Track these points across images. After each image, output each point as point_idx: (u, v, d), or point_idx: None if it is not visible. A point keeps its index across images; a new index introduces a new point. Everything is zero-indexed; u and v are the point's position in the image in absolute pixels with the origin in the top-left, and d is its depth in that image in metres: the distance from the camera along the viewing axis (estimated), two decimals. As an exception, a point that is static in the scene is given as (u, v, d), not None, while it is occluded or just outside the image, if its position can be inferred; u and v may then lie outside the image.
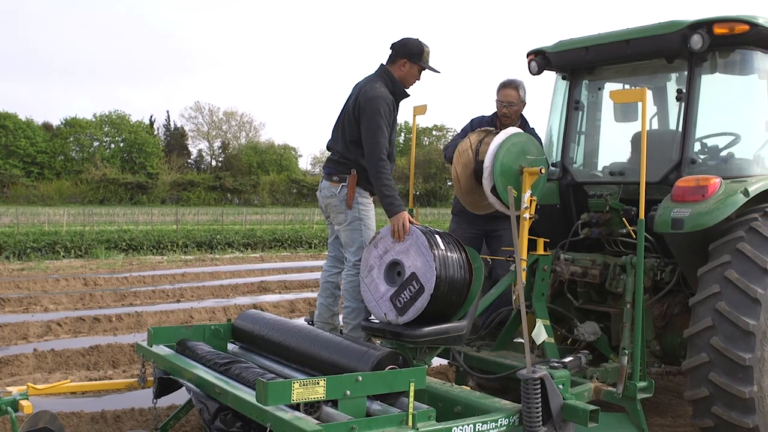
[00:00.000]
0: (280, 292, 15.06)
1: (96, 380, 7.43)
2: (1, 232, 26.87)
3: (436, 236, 4.78)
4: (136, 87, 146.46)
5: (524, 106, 6.34)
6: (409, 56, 5.35)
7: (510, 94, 6.23)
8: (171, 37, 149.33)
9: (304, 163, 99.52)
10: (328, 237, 5.88)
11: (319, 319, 5.69)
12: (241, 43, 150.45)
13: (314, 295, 14.15)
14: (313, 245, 28.81)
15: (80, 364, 8.44)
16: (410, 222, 4.86)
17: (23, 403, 4.62)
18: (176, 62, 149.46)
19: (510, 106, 6.23)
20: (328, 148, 5.60)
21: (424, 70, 5.44)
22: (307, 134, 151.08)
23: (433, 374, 6.88)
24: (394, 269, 4.85)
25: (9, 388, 4.84)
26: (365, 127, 5.16)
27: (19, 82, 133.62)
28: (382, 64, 5.48)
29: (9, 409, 4.59)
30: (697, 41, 5.38)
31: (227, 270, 19.23)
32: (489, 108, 6.46)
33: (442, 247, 4.72)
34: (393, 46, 5.43)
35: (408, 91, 5.45)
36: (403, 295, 4.70)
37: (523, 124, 6.37)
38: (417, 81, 5.47)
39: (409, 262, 4.74)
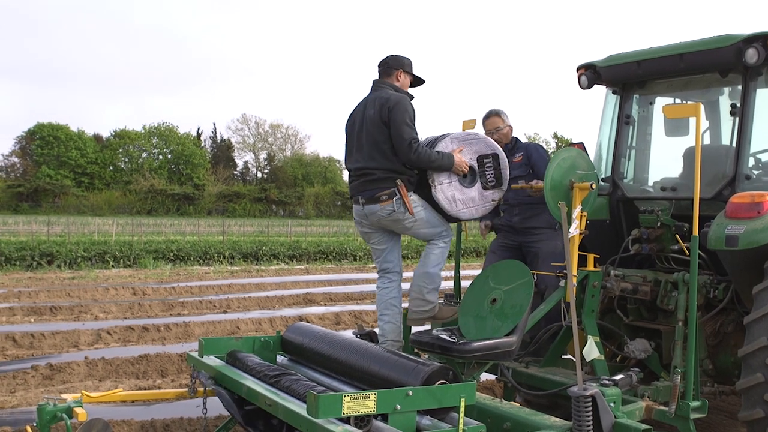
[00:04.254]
0: (325, 304, 15.14)
1: (145, 389, 7.54)
2: (52, 241, 27.46)
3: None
4: (184, 97, 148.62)
5: (511, 129, 6.57)
6: (402, 66, 5.68)
7: (494, 121, 6.50)
8: (215, 48, 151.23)
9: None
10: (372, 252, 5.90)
11: (390, 337, 5.57)
12: (288, 56, 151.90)
13: (359, 307, 14.18)
14: (357, 258, 28.90)
15: (130, 373, 8.58)
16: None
17: (77, 410, 4.69)
18: (221, 74, 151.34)
19: (498, 131, 6.45)
20: (356, 170, 5.56)
21: (414, 80, 5.79)
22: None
23: (479, 389, 6.83)
24: (465, 177, 5.45)
25: (63, 396, 4.92)
26: (395, 126, 5.30)
27: (50, 91, 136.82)
28: (375, 80, 5.72)
29: (64, 416, 4.67)
30: (752, 55, 5.30)
31: (273, 281, 19.39)
32: (533, 126, 6.60)
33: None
34: (384, 63, 5.70)
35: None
36: (488, 175, 5.50)
37: (518, 143, 6.57)
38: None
39: (468, 156, 5.44)
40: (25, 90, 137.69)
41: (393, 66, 5.66)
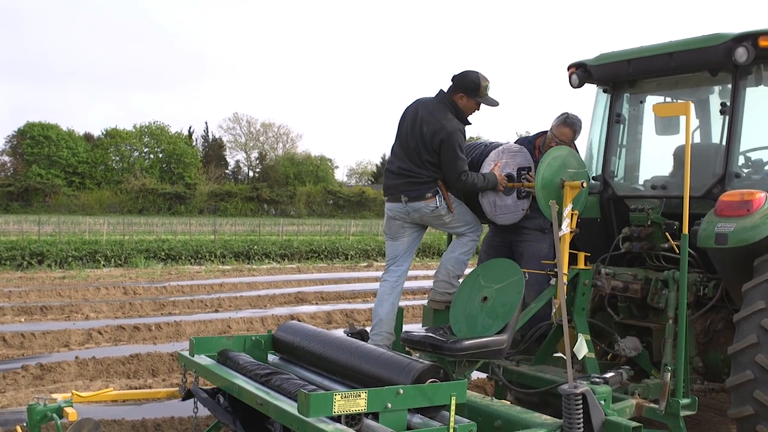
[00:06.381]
0: (317, 303, 15.12)
1: (136, 388, 7.52)
2: (43, 240, 27.35)
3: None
4: (175, 96, 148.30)
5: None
6: (466, 91, 5.71)
7: (565, 133, 6.06)
8: (206, 47, 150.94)
9: (340, 175, 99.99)
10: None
11: (385, 328, 5.84)
12: (280, 54, 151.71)
13: (351, 306, 14.16)
14: (349, 257, 28.83)
15: (120, 372, 8.56)
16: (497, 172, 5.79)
17: (68, 410, 4.68)
18: (213, 73, 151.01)
19: (561, 143, 6.09)
20: (401, 169, 5.77)
21: (480, 104, 5.76)
22: (343, 146, 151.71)
23: (470, 388, 6.84)
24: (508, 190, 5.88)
25: (54, 395, 4.90)
26: (448, 158, 5.58)
27: (39, 90, 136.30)
28: (441, 90, 5.79)
29: (54, 415, 4.65)
30: (741, 54, 5.32)
31: (264, 280, 19.36)
32: (523, 123, 6.62)
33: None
34: (453, 78, 5.74)
35: (469, 119, 5.82)
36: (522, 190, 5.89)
37: None
38: (476, 111, 5.81)
39: (511, 167, 5.91)
40: (13, 89, 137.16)
41: (457, 87, 5.72)
